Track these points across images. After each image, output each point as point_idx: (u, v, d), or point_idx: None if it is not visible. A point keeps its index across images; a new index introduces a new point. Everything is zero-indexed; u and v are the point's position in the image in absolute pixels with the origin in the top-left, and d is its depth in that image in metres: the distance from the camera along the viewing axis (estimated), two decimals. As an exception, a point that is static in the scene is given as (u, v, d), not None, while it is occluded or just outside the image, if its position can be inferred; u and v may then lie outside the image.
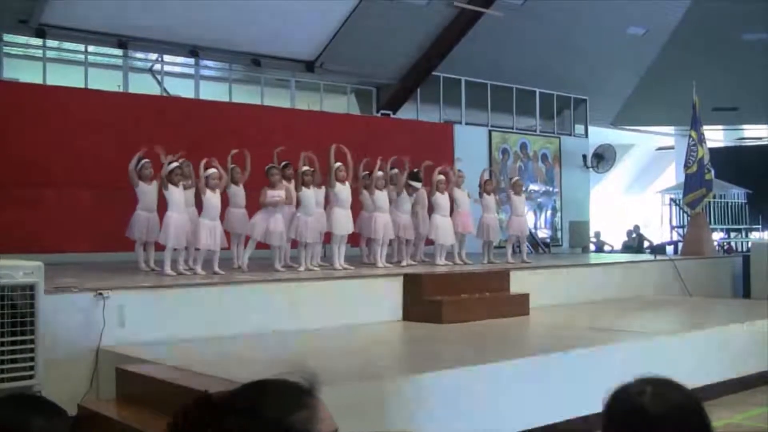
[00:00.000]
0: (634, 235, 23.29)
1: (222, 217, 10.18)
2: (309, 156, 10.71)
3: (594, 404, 2.31)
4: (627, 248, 22.79)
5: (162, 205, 9.85)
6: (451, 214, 12.00)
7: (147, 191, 10.09)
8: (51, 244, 12.23)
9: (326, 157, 10.80)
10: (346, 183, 10.85)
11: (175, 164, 9.67)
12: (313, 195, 10.58)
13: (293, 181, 10.74)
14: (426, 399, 6.06)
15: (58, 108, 13.02)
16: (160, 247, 9.81)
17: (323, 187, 11.00)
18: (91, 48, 14.73)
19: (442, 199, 11.81)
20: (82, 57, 14.70)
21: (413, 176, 11.82)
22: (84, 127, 13.09)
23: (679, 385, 2.00)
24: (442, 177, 11.89)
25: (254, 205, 10.62)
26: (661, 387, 1.97)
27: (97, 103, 13.51)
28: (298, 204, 10.49)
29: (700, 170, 15.84)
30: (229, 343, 7.65)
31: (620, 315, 10.56)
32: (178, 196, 9.56)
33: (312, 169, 10.61)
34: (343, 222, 10.78)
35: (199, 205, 10.20)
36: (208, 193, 9.79)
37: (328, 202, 11.08)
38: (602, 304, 11.40)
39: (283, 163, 10.90)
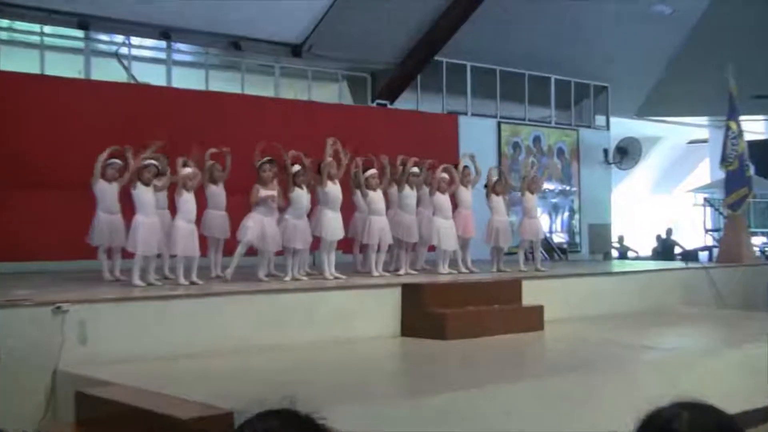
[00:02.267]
0: (664, 239, 23.30)
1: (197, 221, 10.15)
2: (295, 155, 10.67)
3: (619, 430, 2.29)
4: (656, 254, 22.81)
5: (128, 208, 9.80)
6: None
7: (106, 191, 10.06)
8: (3, 253, 12.18)
9: (323, 152, 10.78)
10: (337, 182, 10.83)
11: (150, 161, 9.65)
12: (306, 196, 10.56)
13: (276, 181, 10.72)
14: (426, 426, 6.03)
15: (10, 97, 12.96)
16: (128, 255, 9.77)
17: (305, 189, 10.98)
18: (47, 29, 14.66)
19: (443, 200, 11.78)
20: (37, 39, 14.63)
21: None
22: (39, 118, 13.04)
23: (718, 410, 1.98)
24: (444, 176, 11.85)
25: (235, 207, 10.58)
26: (698, 412, 1.94)
27: (54, 91, 13.47)
28: (287, 205, 10.46)
29: (742, 166, 15.55)
30: (205, 362, 7.61)
31: (647, 330, 10.53)
32: (148, 197, 9.53)
33: (303, 169, 10.58)
34: (334, 226, 10.75)
35: (171, 206, 10.17)
36: (184, 194, 9.77)
37: (314, 204, 11.05)
38: (627, 318, 11.37)
39: (266, 159, 10.85)
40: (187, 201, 9.82)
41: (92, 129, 12.89)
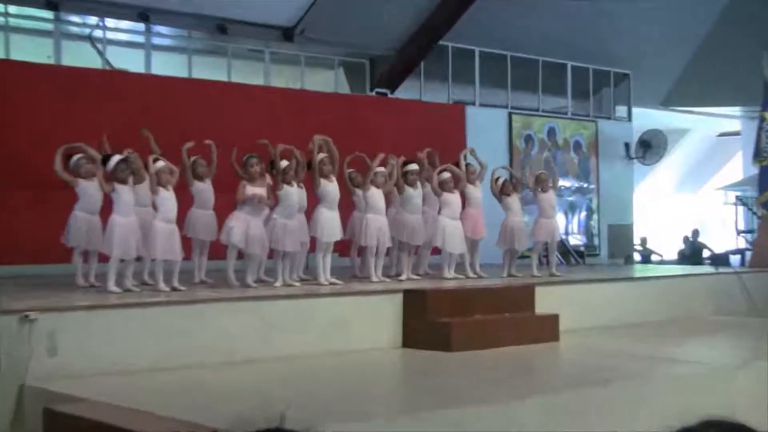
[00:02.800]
0: (692, 241, 23.29)
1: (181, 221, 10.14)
2: (285, 149, 10.65)
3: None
4: (683, 258, 22.80)
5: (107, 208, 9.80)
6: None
7: (89, 189, 10.04)
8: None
9: (307, 150, 10.76)
10: (333, 179, 10.82)
11: (118, 157, 9.63)
12: (296, 193, 10.55)
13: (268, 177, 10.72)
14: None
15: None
16: (104, 259, 9.77)
17: (303, 187, 10.97)
18: (13, 9, 14.65)
19: (451, 198, 11.77)
20: (2, 20, 14.64)
21: (407, 163, 11.76)
22: (3, 108, 13.02)
23: (750, 429, 1.98)
24: (447, 175, 11.82)
25: (224, 206, 10.58)
26: (728, 431, 1.94)
27: (21, 78, 13.47)
28: (276, 204, 10.46)
29: (777, 161, 15.75)
30: (187, 375, 7.61)
31: (673, 341, 10.53)
32: (126, 196, 9.51)
33: (293, 165, 10.56)
34: (331, 226, 10.74)
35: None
36: (162, 191, 9.75)
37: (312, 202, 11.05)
38: (650, 328, 11.36)
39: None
40: (166, 199, 9.77)
41: (63, 120, 12.89)
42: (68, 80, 13.86)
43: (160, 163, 9.91)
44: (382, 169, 11.38)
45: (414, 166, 11.76)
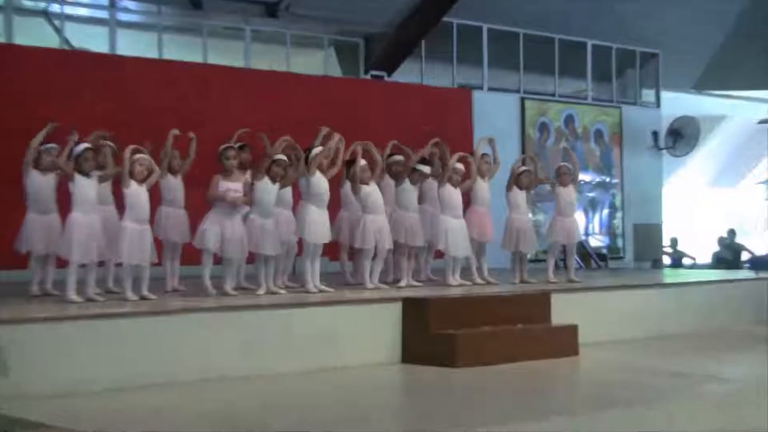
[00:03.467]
0: (729, 242, 23.30)
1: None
2: (288, 142, 10.61)
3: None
4: (719, 261, 22.80)
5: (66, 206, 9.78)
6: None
7: (40, 184, 10.01)
8: None
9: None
10: (326, 172, 10.79)
11: (84, 146, 9.57)
12: (273, 189, 10.48)
13: (249, 171, 10.69)
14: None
15: None
16: (63, 264, 9.75)
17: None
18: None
19: (454, 195, 11.74)
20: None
21: (420, 159, 11.79)
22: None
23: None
24: (460, 166, 11.81)
25: (197, 204, 10.58)
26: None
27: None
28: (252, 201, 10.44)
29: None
30: (158, 396, 7.59)
31: (707, 355, 10.52)
32: (87, 190, 9.44)
33: (286, 160, 10.51)
34: (320, 226, 10.73)
35: (119, 202, 10.14)
36: (134, 185, 9.67)
37: (298, 200, 11.04)
38: (681, 340, 11.36)
39: (238, 145, 10.84)
40: (138, 194, 9.66)
41: (17, 107, 12.87)
42: (20, 61, 13.84)
43: (141, 155, 9.82)
44: (362, 163, 11.29)
45: (427, 168, 11.74)
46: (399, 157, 11.83)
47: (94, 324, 8.13)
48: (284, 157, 10.44)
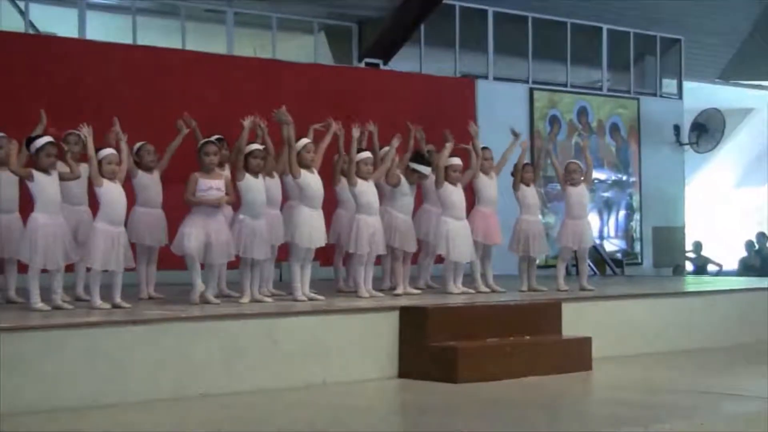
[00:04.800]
0: (758, 247, 23.32)
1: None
2: (256, 122, 10.62)
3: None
4: (746, 268, 22.84)
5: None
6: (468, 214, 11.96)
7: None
8: None
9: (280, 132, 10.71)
10: (315, 170, 10.79)
11: (45, 139, 9.56)
12: (263, 186, 10.50)
13: (227, 167, 10.70)
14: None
15: None
16: (25, 269, 9.75)
17: (276, 176, 10.96)
18: None
19: (454, 193, 11.74)
20: None
21: (418, 158, 11.76)
22: None
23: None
24: (457, 161, 11.80)
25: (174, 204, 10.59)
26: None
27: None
28: (239, 201, 10.44)
29: None
30: (129, 416, 7.60)
31: (733, 371, 10.55)
32: (50, 188, 9.45)
33: (263, 147, 10.54)
34: (312, 228, 10.72)
35: (92, 201, 10.16)
36: (106, 183, 9.66)
37: (286, 199, 11.05)
38: (705, 355, 11.39)
39: (216, 137, 10.82)
40: (111, 193, 9.63)
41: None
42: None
43: (107, 150, 9.82)
44: (366, 154, 11.31)
45: (427, 169, 11.68)
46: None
47: (61, 334, 8.09)
48: (258, 146, 10.43)
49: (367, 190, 11.15)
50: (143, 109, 13.04)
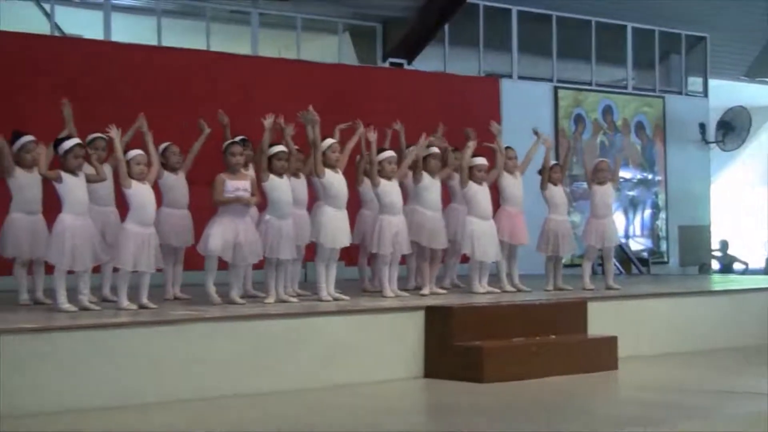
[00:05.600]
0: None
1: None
2: (278, 124, 10.61)
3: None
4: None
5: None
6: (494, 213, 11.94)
7: (25, 183, 10.03)
8: None
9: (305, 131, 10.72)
10: (339, 170, 10.78)
11: (74, 141, 9.62)
12: (288, 187, 10.50)
13: (251, 167, 10.72)
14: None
15: None
16: (52, 269, 9.77)
17: (302, 176, 10.97)
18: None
19: (480, 193, 11.71)
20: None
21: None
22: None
23: None
24: (482, 160, 11.77)
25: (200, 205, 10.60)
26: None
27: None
28: (265, 201, 10.44)
29: None
30: (154, 416, 7.63)
31: (760, 370, 10.47)
32: (78, 190, 9.49)
33: (287, 150, 10.52)
34: (336, 229, 10.73)
35: (119, 202, 10.19)
36: (135, 185, 9.68)
37: (314, 200, 11.05)
38: (732, 354, 11.34)
39: (240, 138, 10.84)
40: (140, 194, 9.68)
41: (3, 98, 12.91)
42: (8, 47, 13.88)
43: (135, 151, 9.84)
44: (390, 153, 11.28)
45: (434, 149, 11.65)
46: (435, 149, 11.68)
47: (88, 335, 8.14)
48: (281, 147, 10.42)
49: (390, 189, 11.13)
50: (168, 111, 13.05)
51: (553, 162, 12.54)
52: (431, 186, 11.54)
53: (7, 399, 7.40)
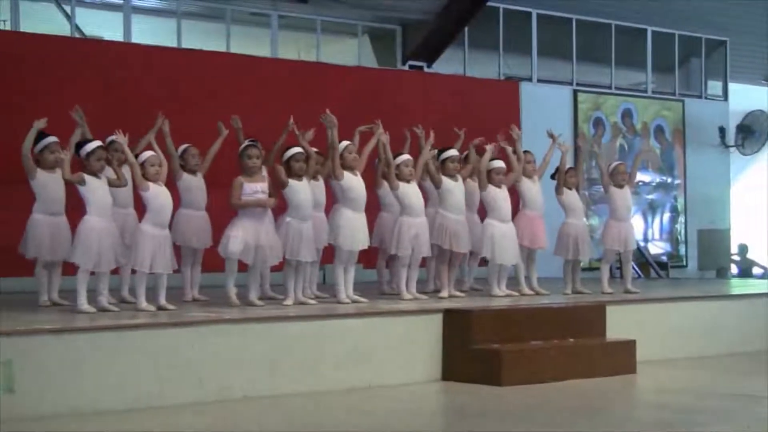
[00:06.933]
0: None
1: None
2: (295, 128, 10.62)
3: None
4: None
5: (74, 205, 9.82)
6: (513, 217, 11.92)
7: (48, 184, 10.04)
8: None
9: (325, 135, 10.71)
10: (358, 173, 10.78)
11: (95, 144, 9.64)
12: (308, 189, 10.48)
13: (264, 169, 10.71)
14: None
15: None
16: (71, 271, 9.79)
17: (321, 179, 10.96)
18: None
19: (499, 196, 11.69)
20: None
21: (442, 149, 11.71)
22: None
23: None
24: (500, 164, 11.75)
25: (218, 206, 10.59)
26: None
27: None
28: (284, 203, 10.43)
29: None
30: (173, 418, 7.63)
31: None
32: (102, 192, 9.52)
33: (305, 152, 10.51)
34: (355, 231, 10.71)
35: (137, 204, 10.21)
36: (153, 187, 9.70)
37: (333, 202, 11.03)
38: (750, 358, 11.29)
39: (249, 140, 10.82)
40: (157, 196, 9.72)
41: (22, 98, 12.93)
42: (28, 49, 13.90)
43: (149, 153, 9.87)
44: (406, 157, 11.27)
45: (453, 152, 11.65)
46: (453, 152, 11.64)
47: (107, 336, 8.15)
48: (298, 149, 10.41)
49: (409, 192, 11.12)
50: (188, 113, 13.04)
51: (568, 166, 12.52)
52: (454, 189, 11.51)
53: (28, 400, 7.42)
